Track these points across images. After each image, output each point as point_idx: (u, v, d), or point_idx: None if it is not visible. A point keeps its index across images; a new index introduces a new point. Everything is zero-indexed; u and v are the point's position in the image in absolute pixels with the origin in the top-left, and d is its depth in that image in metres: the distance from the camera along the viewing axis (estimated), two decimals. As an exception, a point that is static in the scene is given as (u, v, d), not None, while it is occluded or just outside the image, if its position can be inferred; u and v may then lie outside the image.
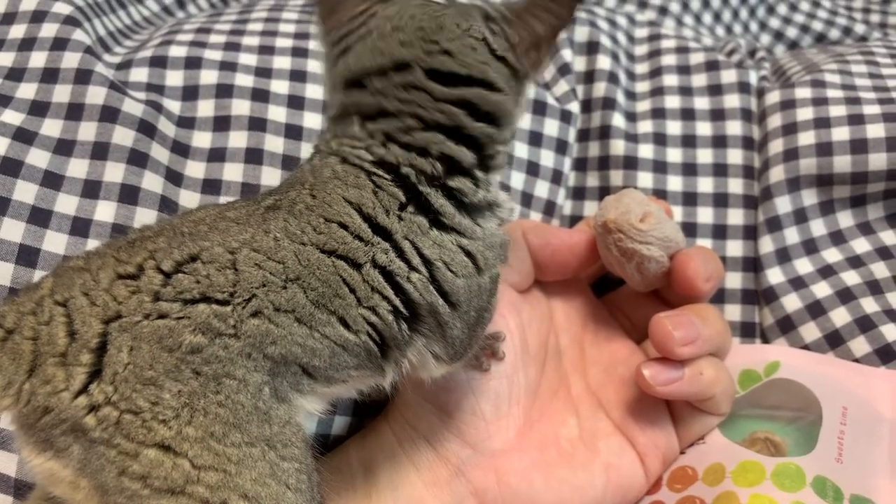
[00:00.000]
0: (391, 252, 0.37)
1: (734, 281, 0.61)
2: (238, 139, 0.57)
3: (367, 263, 0.37)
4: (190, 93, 0.58)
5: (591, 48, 0.69)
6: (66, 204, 0.51)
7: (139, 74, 0.58)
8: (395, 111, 0.38)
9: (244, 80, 0.59)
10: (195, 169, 0.56)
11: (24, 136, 0.52)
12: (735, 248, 0.62)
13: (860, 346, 0.54)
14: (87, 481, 0.33)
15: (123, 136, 0.54)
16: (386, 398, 0.54)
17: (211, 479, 0.33)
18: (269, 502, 0.34)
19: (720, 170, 0.64)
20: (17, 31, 0.56)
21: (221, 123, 0.58)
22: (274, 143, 0.57)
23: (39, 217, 0.50)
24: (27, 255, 0.49)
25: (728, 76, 0.68)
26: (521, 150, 0.63)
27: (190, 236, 0.36)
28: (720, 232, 0.62)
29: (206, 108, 0.58)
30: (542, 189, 0.64)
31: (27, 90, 0.54)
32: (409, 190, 0.38)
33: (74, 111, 0.54)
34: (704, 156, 0.65)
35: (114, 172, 0.53)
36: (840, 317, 0.56)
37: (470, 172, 0.40)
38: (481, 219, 0.40)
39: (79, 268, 0.35)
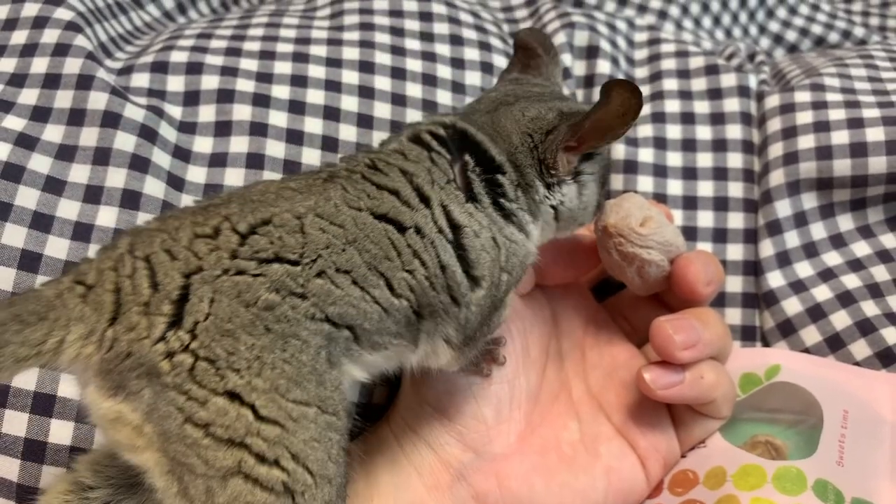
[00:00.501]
0: (429, 217, 0.40)
1: (734, 284, 0.61)
2: (239, 144, 0.57)
3: (412, 228, 0.40)
4: (191, 98, 0.59)
5: (591, 52, 0.69)
6: (68, 209, 0.51)
7: (141, 80, 0.59)
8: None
9: (245, 86, 0.59)
10: (197, 174, 0.56)
11: (26, 142, 0.52)
12: (735, 251, 0.62)
13: (861, 349, 0.54)
14: (151, 427, 0.34)
15: (125, 142, 0.54)
16: (388, 402, 0.54)
17: (269, 433, 0.35)
18: (314, 466, 0.36)
19: (720, 173, 0.64)
20: (19, 37, 0.56)
21: (223, 128, 0.58)
22: (275, 149, 0.57)
23: (41, 222, 0.50)
24: (29, 261, 0.49)
25: (728, 80, 0.68)
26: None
27: (260, 203, 0.38)
28: (720, 235, 0.62)
29: (207, 113, 0.58)
30: (542, 193, 0.64)
31: (29, 96, 0.55)
32: (457, 173, 0.42)
33: (76, 117, 0.54)
34: (704, 159, 0.65)
35: (115, 178, 0.53)
36: (840, 320, 0.56)
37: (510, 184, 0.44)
38: (512, 226, 0.44)
39: (155, 228, 0.37)
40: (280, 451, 0.35)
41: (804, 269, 0.60)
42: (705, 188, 0.64)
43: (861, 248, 0.60)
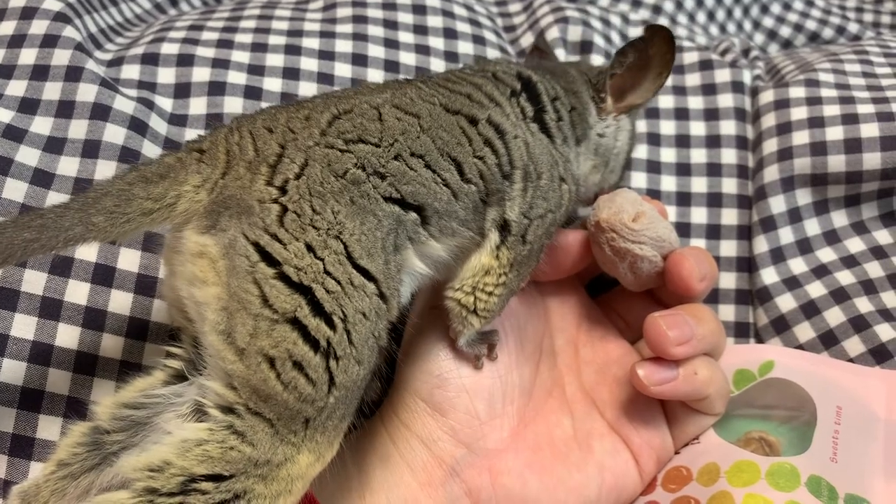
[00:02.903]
0: (503, 115, 0.46)
1: (728, 281, 0.61)
2: (231, 137, 0.57)
3: (483, 120, 0.45)
4: (182, 90, 0.58)
5: (585, 48, 0.69)
6: (57, 202, 0.51)
7: (131, 71, 0.58)
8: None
9: (237, 78, 0.59)
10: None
11: (13, 134, 0.52)
12: (729, 247, 0.62)
13: (854, 345, 0.54)
14: (225, 262, 0.37)
15: (114, 134, 0.53)
16: (381, 398, 0.54)
17: (331, 286, 0.38)
18: (357, 338, 0.38)
19: (714, 169, 0.64)
20: (7, 28, 0.56)
21: (214, 121, 0.57)
22: (267, 141, 0.57)
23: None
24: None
25: (722, 75, 0.68)
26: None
27: (341, 98, 0.44)
28: (714, 232, 0.62)
29: (198, 105, 0.58)
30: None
31: (17, 87, 0.54)
32: (524, 86, 0.49)
33: (65, 108, 0.54)
34: (698, 155, 0.65)
35: (105, 170, 0.52)
36: (834, 316, 0.56)
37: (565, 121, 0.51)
38: (564, 145, 0.50)
39: (258, 115, 0.43)
40: (335, 307, 0.37)
41: (798, 266, 0.60)
42: (699, 184, 0.64)
43: (855, 245, 0.60)
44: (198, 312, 0.38)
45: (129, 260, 0.51)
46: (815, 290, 0.58)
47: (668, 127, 0.66)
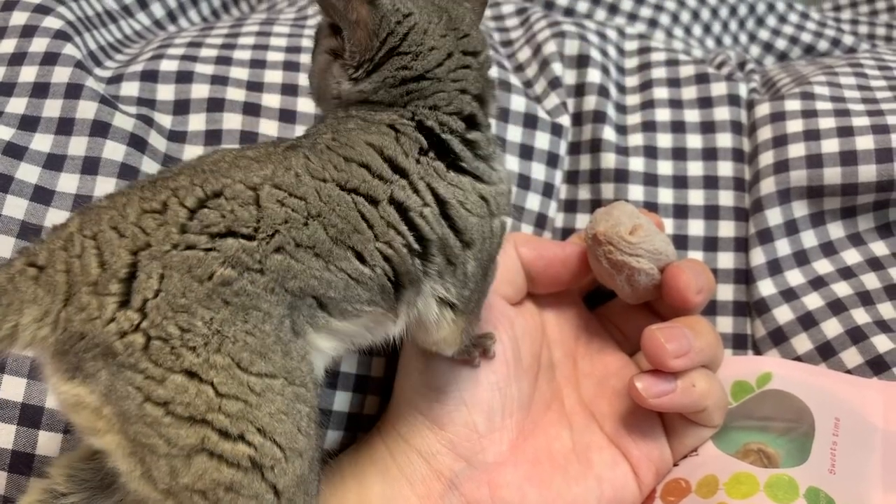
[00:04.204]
0: (408, 188, 0.39)
1: (726, 293, 0.61)
2: (229, 153, 0.57)
3: (385, 200, 0.39)
4: (181, 107, 0.58)
5: (582, 61, 0.69)
6: (57, 219, 0.51)
7: (130, 89, 0.58)
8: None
9: (235, 94, 0.59)
10: (186, 183, 0.56)
11: (13, 151, 0.52)
12: (726, 260, 0.62)
13: (852, 357, 0.54)
14: (110, 408, 0.34)
15: (114, 151, 0.54)
16: (378, 412, 0.54)
17: (232, 409, 0.34)
18: (282, 440, 0.35)
19: (711, 182, 0.64)
20: (7, 46, 0.56)
21: (213, 137, 0.57)
22: (265, 157, 0.57)
23: (30, 232, 0.50)
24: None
25: (718, 88, 0.68)
26: (512, 162, 0.63)
27: (211, 173, 0.37)
28: (711, 244, 0.63)
29: (197, 121, 0.58)
30: (533, 202, 0.64)
31: (17, 105, 0.54)
32: (429, 138, 0.41)
33: (65, 126, 0.54)
34: (695, 168, 0.65)
35: (104, 187, 0.52)
36: (831, 328, 0.56)
37: (481, 127, 0.44)
38: (495, 163, 0.44)
39: (104, 206, 0.36)
40: (244, 425, 0.34)
41: (795, 278, 0.60)
42: (696, 197, 0.64)
43: (852, 256, 0.61)
44: (108, 457, 0.35)
45: None
46: (813, 301, 0.58)
47: (664, 140, 0.66)
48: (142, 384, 0.33)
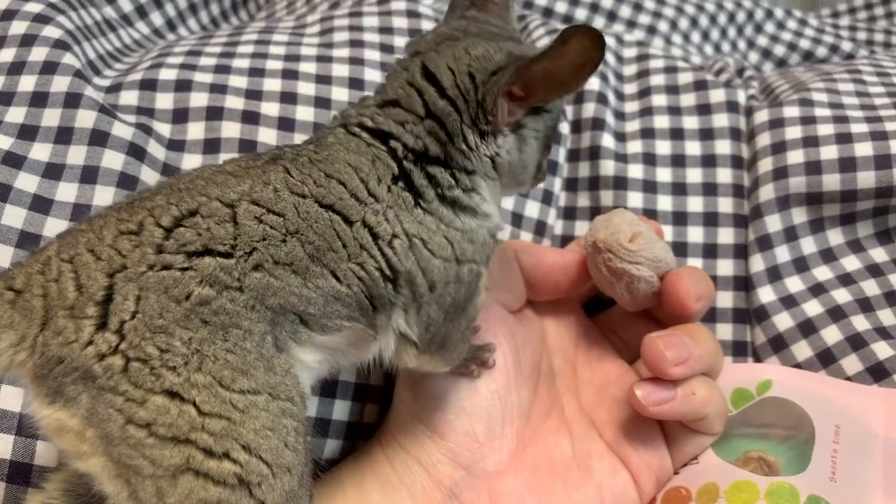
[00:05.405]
0: (380, 215, 0.39)
1: (725, 300, 0.61)
2: (228, 162, 0.57)
3: (359, 222, 0.38)
4: (180, 115, 0.58)
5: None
6: (56, 228, 0.51)
7: (129, 97, 0.58)
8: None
9: (234, 103, 0.59)
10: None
11: (13, 161, 0.52)
12: (725, 266, 0.62)
13: (852, 364, 0.54)
14: (93, 431, 0.33)
15: (113, 160, 0.54)
16: (378, 421, 0.54)
17: (215, 427, 0.34)
18: (269, 456, 0.35)
19: (710, 189, 0.64)
20: (7, 55, 0.56)
21: (211, 146, 0.57)
22: (264, 166, 0.57)
23: (29, 241, 0.50)
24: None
25: (716, 95, 0.68)
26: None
27: (188, 191, 0.36)
28: (710, 251, 0.63)
29: (196, 130, 0.58)
30: (532, 209, 0.64)
31: (16, 114, 0.54)
32: (400, 166, 0.40)
33: (64, 135, 0.54)
34: (694, 175, 0.65)
35: (103, 196, 0.52)
36: (831, 335, 0.56)
37: (447, 165, 0.41)
38: (462, 214, 0.42)
39: (82, 230, 0.36)
40: (229, 443, 0.34)
41: (795, 284, 0.60)
42: (695, 204, 0.64)
43: (851, 263, 0.60)
44: (95, 480, 0.35)
45: None
46: (812, 308, 0.58)
47: (663, 147, 0.66)
48: (123, 406, 0.33)
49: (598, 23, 0.87)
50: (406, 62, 0.43)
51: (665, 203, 0.64)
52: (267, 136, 0.58)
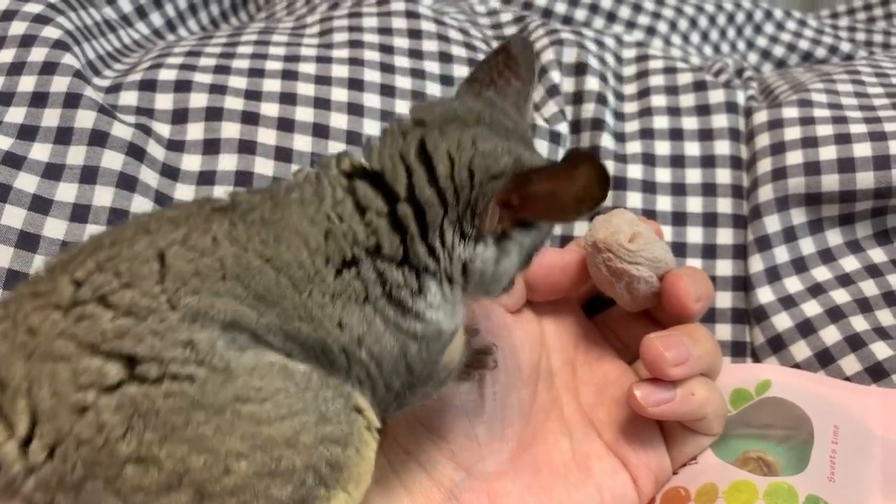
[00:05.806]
0: (326, 297, 0.36)
1: (724, 300, 0.61)
2: (228, 162, 0.57)
3: (306, 293, 0.35)
4: (179, 116, 0.58)
5: (580, 69, 0.69)
6: (55, 228, 0.51)
7: (128, 98, 0.58)
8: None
9: (234, 104, 0.59)
10: (184, 192, 0.56)
11: (12, 161, 0.52)
12: (725, 267, 0.62)
13: (851, 364, 0.54)
14: None
15: (112, 160, 0.54)
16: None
17: (197, 463, 0.32)
18: (274, 445, 0.34)
19: (709, 189, 0.64)
20: (6, 56, 0.56)
21: (211, 146, 0.58)
22: (264, 166, 0.57)
23: (28, 241, 0.50)
24: (15, 280, 0.49)
25: (716, 96, 0.68)
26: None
27: (110, 245, 0.35)
28: (709, 251, 0.63)
29: (195, 131, 0.58)
30: (531, 209, 0.63)
31: (16, 114, 0.54)
32: (352, 252, 0.37)
33: (63, 135, 0.54)
34: (693, 175, 0.65)
35: (103, 196, 0.52)
36: (830, 335, 0.56)
37: (401, 262, 0.37)
38: (408, 316, 0.38)
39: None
40: (221, 465, 0.33)
41: (794, 285, 0.60)
42: (694, 204, 0.64)
43: (850, 263, 0.61)
44: None
45: None
46: (811, 308, 0.58)
47: (662, 147, 0.67)
48: (105, 489, 0.32)
49: (598, 23, 0.87)
50: (406, 128, 0.39)
51: (664, 203, 0.64)
52: (266, 136, 0.58)
